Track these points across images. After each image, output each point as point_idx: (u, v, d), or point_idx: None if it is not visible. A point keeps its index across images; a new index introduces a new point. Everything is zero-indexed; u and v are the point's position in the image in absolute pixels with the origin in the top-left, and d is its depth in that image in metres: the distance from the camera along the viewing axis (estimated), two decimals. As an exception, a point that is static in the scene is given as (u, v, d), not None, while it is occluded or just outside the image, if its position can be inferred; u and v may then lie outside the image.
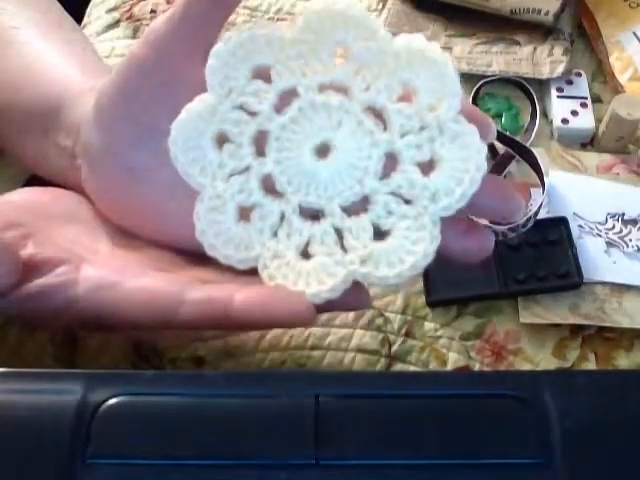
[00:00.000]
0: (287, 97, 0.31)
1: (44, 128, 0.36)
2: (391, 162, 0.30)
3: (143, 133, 0.32)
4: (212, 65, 0.30)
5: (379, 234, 0.30)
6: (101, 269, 0.31)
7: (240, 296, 0.29)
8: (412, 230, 0.29)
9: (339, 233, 0.30)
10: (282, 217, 0.31)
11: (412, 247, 0.29)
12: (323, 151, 0.31)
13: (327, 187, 0.30)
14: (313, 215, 0.31)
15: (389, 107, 0.30)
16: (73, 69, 0.37)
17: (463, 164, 0.29)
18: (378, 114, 0.30)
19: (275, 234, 0.31)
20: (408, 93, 0.30)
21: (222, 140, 0.31)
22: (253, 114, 0.31)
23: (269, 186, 0.31)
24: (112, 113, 0.32)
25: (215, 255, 0.31)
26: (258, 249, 0.31)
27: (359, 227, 0.30)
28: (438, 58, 0.29)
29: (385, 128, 0.30)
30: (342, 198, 0.30)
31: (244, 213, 0.31)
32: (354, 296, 0.30)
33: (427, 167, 0.30)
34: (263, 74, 0.31)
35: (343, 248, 0.30)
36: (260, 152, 0.31)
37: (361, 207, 0.30)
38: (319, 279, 0.30)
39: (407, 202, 0.30)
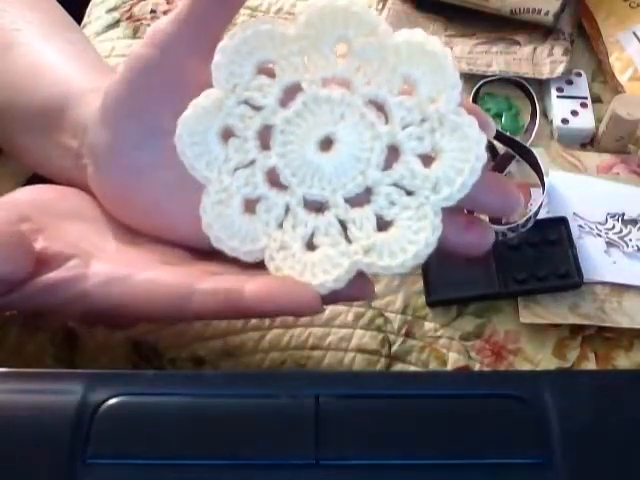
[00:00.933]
0: (291, 92, 0.31)
1: (47, 128, 0.36)
2: (393, 154, 0.31)
3: (146, 132, 0.32)
4: (218, 61, 0.31)
5: (382, 225, 0.30)
6: (110, 264, 0.32)
7: (250, 286, 0.30)
8: (414, 220, 0.30)
9: (343, 224, 0.31)
10: (287, 209, 0.31)
11: (414, 237, 0.29)
12: (326, 144, 0.31)
13: (331, 179, 0.31)
14: (317, 207, 0.31)
15: (390, 100, 0.30)
16: (75, 69, 0.38)
17: (463, 154, 0.29)
18: (380, 107, 0.31)
19: (280, 226, 0.31)
20: (409, 86, 0.31)
21: (227, 134, 0.31)
22: (258, 109, 0.31)
23: (274, 179, 0.31)
24: (116, 113, 0.33)
25: (222, 248, 0.32)
26: (264, 241, 0.31)
27: (362, 218, 0.30)
28: (438, 51, 0.30)
29: (387, 121, 0.31)
30: (345, 190, 0.30)
31: (250, 206, 0.32)
32: (359, 286, 0.31)
33: (428, 158, 0.30)
34: (267, 70, 0.31)
35: (347, 239, 0.31)
36: (265, 146, 0.31)
37: (364, 198, 0.31)
38: (324, 270, 0.30)
39: (409, 193, 0.30)
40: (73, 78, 0.37)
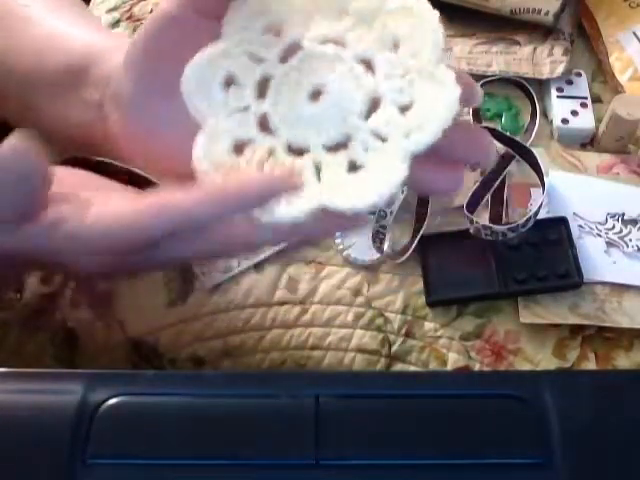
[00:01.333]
0: (292, 50, 0.34)
1: (70, 86, 0.38)
2: (374, 105, 0.33)
3: (164, 81, 0.34)
4: (229, 17, 0.34)
5: (353, 168, 0.32)
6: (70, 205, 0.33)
7: (189, 194, 0.31)
8: (381, 162, 0.32)
9: (318, 167, 0.33)
10: (271, 152, 0.33)
11: (379, 178, 0.32)
12: (317, 95, 0.33)
13: (315, 126, 0.33)
14: (299, 152, 0.33)
15: (378, 57, 0.33)
16: (93, 34, 0.40)
17: (435, 103, 0.32)
18: (369, 64, 0.33)
19: (261, 167, 0.33)
20: (397, 44, 0.33)
21: (229, 83, 0.34)
22: (260, 61, 0.34)
23: (265, 125, 0.34)
24: (138, 65, 0.35)
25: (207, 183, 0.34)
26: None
27: (335, 161, 0.33)
28: (426, 12, 0.33)
29: (373, 76, 0.33)
30: (327, 136, 0.33)
31: (239, 148, 0.34)
32: (324, 223, 0.32)
33: (406, 108, 0.33)
34: (274, 29, 0.34)
35: (319, 179, 0.33)
36: (262, 95, 0.34)
37: (342, 145, 0.33)
38: (289, 201, 0.32)
39: (384, 140, 0.32)
40: (94, 40, 0.40)
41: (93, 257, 0.32)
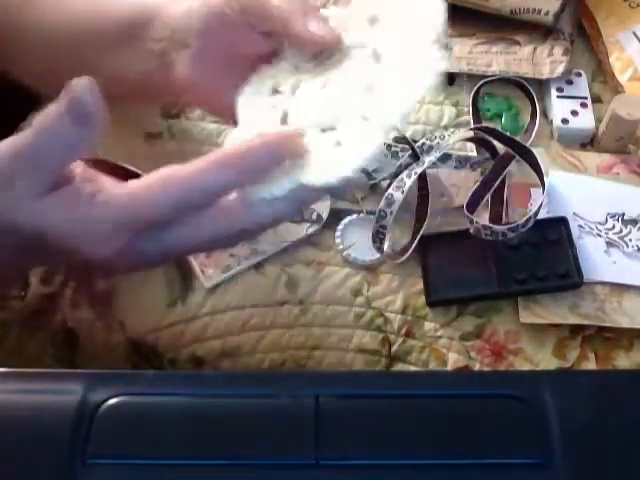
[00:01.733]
0: (327, 56, 0.38)
1: (132, 39, 0.41)
2: (370, 90, 0.36)
3: (228, 44, 0.39)
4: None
5: (338, 146, 0.35)
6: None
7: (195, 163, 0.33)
8: (360, 139, 0.35)
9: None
10: None
11: (354, 153, 0.34)
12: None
13: (315, 111, 0.37)
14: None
15: (388, 50, 0.37)
16: None
17: (417, 81, 0.35)
18: (379, 57, 0.37)
19: None
20: (404, 38, 0.37)
21: (275, 91, 0.39)
22: (300, 70, 0.39)
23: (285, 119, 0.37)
24: (202, 24, 0.39)
25: None
26: None
27: (323, 141, 0.35)
28: (438, 8, 0.37)
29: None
30: (323, 119, 0.36)
31: None
32: (298, 197, 0.35)
33: (392, 89, 0.36)
34: None
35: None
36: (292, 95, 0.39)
37: (332, 127, 0.36)
38: (276, 178, 0.34)
39: (367, 119, 0.35)
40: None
41: (108, 240, 0.32)
